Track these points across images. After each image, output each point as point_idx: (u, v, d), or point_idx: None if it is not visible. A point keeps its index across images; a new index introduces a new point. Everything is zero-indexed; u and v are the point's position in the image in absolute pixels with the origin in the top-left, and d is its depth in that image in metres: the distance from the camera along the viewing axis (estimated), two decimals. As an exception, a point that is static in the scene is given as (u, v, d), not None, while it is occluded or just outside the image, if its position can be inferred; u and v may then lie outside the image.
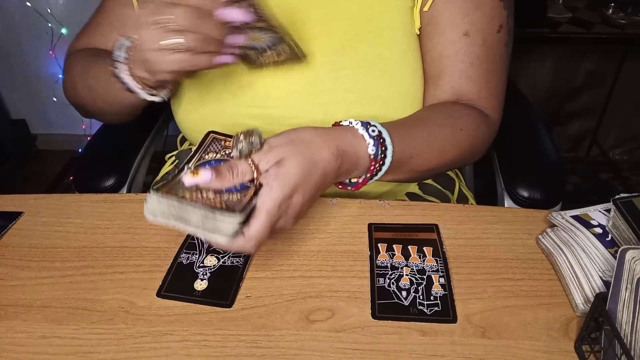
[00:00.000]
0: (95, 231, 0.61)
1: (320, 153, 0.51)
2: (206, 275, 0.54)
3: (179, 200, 0.46)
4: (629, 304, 0.41)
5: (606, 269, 0.49)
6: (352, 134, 0.54)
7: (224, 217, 0.45)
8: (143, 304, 0.51)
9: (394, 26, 0.65)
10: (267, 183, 0.48)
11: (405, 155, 0.58)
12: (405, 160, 0.58)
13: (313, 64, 0.64)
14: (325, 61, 0.64)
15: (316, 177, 0.50)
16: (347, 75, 0.64)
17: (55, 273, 0.55)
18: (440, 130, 0.62)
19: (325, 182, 0.52)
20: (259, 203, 0.47)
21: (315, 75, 0.65)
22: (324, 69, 0.64)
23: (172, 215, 0.46)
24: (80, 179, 0.80)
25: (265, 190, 0.47)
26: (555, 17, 1.69)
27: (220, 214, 0.45)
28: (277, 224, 0.49)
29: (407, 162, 0.59)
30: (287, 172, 0.48)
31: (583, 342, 0.45)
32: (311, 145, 0.51)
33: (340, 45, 0.64)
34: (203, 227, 0.45)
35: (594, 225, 0.55)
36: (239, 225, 0.45)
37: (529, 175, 0.77)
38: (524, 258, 0.56)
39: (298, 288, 0.52)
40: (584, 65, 1.85)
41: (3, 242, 0.60)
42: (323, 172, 0.51)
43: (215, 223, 0.45)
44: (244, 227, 0.46)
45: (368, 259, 0.56)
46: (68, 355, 0.46)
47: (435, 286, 0.52)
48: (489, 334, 0.47)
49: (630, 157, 2.06)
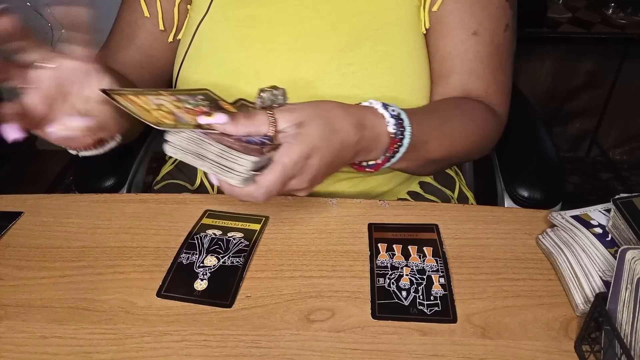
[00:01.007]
0: (95, 231, 0.61)
1: (340, 122, 0.52)
2: (206, 275, 0.54)
3: (199, 135, 0.47)
4: (629, 304, 0.41)
5: (606, 269, 0.49)
6: (372, 112, 0.55)
7: (240, 157, 0.46)
8: (143, 304, 0.51)
9: (401, 23, 0.66)
10: (286, 141, 0.49)
11: (420, 140, 0.58)
12: (420, 144, 0.59)
13: (321, 59, 0.65)
14: (333, 57, 0.65)
15: (335, 144, 0.51)
16: (354, 71, 0.65)
17: (55, 273, 0.55)
18: (452, 120, 0.63)
19: (343, 153, 0.52)
20: (276, 157, 0.48)
21: (323, 71, 0.65)
22: (331, 64, 0.65)
23: (190, 150, 0.48)
24: (80, 179, 0.80)
25: (285, 146, 0.48)
26: (555, 17, 1.69)
27: (237, 154, 0.46)
28: (291, 183, 0.50)
29: (422, 147, 0.60)
30: (307, 132, 0.49)
31: (583, 342, 0.45)
32: (332, 113, 0.52)
33: (347, 42, 0.65)
34: (218, 164, 0.47)
35: (594, 225, 0.55)
36: (253, 165, 0.46)
37: (529, 175, 0.77)
38: (524, 258, 0.56)
39: (298, 288, 0.52)
40: (584, 65, 1.85)
41: (3, 242, 0.60)
42: (342, 141, 0.51)
43: (230, 163, 0.46)
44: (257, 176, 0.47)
45: (368, 259, 0.55)
46: (68, 355, 0.46)
47: (435, 286, 0.52)
48: (489, 334, 0.47)
49: (630, 157, 2.06)
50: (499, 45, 0.67)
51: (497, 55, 0.67)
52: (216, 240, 0.58)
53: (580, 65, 1.85)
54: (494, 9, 0.66)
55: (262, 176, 0.48)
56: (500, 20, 0.67)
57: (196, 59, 0.69)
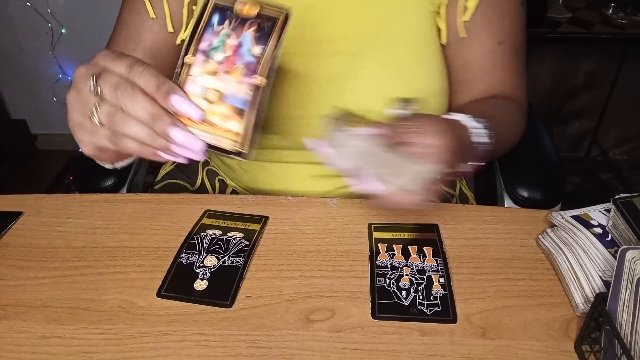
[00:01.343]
0: (95, 231, 0.61)
1: (447, 124, 0.53)
2: (206, 275, 0.54)
3: (365, 147, 0.49)
4: (629, 304, 0.41)
5: (606, 269, 0.49)
6: (458, 124, 0.56)
7: (410, 162, 0.48)
8: (143, 304, 0.51)
9: (412, 29, 0.66)
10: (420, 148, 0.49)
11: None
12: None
13: (334, 64, 0.65)
14: (346, 61, 0.65)
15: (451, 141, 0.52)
16: (366, 76, 0.65)
17: (55, 273, 0.55)
18: (500, 124, 0.65)
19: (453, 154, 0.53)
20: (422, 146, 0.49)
21: (336, 75, 0.65)
22: (344, 69, 0.65)
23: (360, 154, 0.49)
24: (80, 179, 0.80)
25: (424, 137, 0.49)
26: (555, 17, 1.69)
27: (408, 159, 0.48)
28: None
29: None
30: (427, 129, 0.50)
31: (583, 342, 0.45)
32: (436, 119, 0.53)
33: (359, 47, 0.65)
34: (387, 170, 0.48)
35: (594, 225, 0.55)
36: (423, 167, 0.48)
37: (529, 175, 0.77)
38: (524, 258, 0.56)
39: (298, 288, 0.52)
40: (584, 65, 1.85)
41: (3, 242, 0.60)
42: (453, 139, 0.52)
43: (402, 167, 0.48)
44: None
45: (368, 259, 0.56)
46: (68, 355, 0.46)
47: (435, 286, 0.52)
48: (489, 334, 0.47)
49: (630, 157, 2.06)
50: (519, 49, 0.70)
51: (518, 58, 0.70)
52: (216, 240, 0.58)
53: (580, 65, 1.85)
54: (515, 15, 0.68)
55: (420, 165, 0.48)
56: (519, 25, 0.69)
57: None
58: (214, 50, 0.45)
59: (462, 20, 0.66)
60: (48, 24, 1.87)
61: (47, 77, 2.01)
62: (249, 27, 0.44)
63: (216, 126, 0.45)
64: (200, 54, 0.45)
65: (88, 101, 0.45)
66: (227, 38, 0.45)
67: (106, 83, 0.44)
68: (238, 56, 0.44)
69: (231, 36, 0.45)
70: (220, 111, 0.45)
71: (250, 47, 0.44)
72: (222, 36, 0.45)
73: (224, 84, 0.44)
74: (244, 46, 0.45)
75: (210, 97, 0.45)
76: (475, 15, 0.66)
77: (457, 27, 0.67)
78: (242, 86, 0.44)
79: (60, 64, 1.97)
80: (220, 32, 0.45)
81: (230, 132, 0.45)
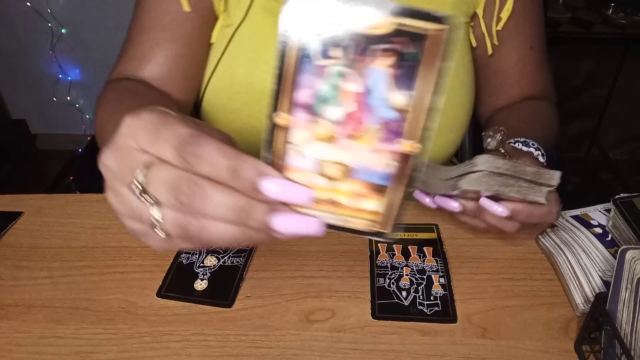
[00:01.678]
0: (95, 231, 0.61)
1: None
2: (206, 275, 0.54)
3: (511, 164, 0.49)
4: (629, 304, 0.41)
5: (606, 269, 0.49)
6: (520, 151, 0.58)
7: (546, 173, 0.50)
8: (143, 304, 0.51)
9: None
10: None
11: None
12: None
13: None
14: None
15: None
16: None
17: (55, 273, 0.55)
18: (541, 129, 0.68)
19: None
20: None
21: None
22: None
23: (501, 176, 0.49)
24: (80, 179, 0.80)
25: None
26: (555, 17, 1.69)
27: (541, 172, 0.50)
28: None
29: None
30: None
31: (583, 342, 0.45)
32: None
33: None
34: (528, 187, 0.49)
35: (594, 225, 0.55)
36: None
37: (529, 175, 0.77)
38: (524, 258, 0.56)
39: (298, 288, 0.52)
40: (584, 65, 1.85)
41: (3, 242, 0.60)
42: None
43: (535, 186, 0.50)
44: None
45: (368, 259, 0.56)
46: (68, 355, 0.46)
47: (435, 286, 0.52)
48: (489, 334, 0.47)
49: (630, 157, 2.06)
50: (544, 49, 0.73)
51: (545, 57, 0.73)
52: (216, 240, 0.58)
53: (580, 66, 1.85)
54: (540, 18, 0.71)
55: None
56: (543, 27, 0.72)
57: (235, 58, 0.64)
58: (323, 102, 0.27)
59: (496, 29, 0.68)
60: (48, 24, 1.87)
61: (47, 77, 2.01)
62: (381, 58, 0.26)
63: (343, 206, 0.31)
64: (301, 111, 0.28)
65: (139, 209, 0.31)
66: (342, 80, 0.27)
67: (157, 187, 0.30)
68: (367, 111, 0.27)
69: (349, 76, 0.26)
70: (348, 189, 0.30)
71: (386, 93, 0.27)
72: (332, 77, 0.27)
73: (351, 154, 0.29)
74: (374, 92, 0.27)
75: (331, 172, 0.30)
76: (507, 24, 0.68)
77: (492, 36, 0.69)
78: (381, 156, 0.29)
79: (60, 64, 1.97)
80: (329, 69, 0.26)
81: (365, 212, 0.31)
